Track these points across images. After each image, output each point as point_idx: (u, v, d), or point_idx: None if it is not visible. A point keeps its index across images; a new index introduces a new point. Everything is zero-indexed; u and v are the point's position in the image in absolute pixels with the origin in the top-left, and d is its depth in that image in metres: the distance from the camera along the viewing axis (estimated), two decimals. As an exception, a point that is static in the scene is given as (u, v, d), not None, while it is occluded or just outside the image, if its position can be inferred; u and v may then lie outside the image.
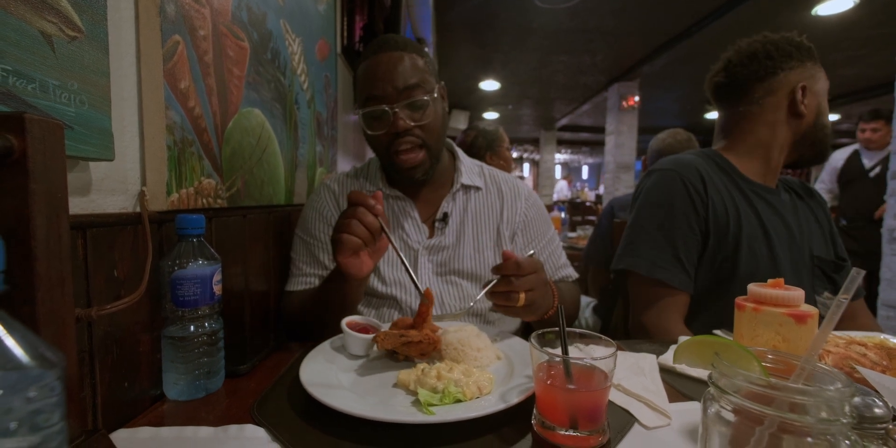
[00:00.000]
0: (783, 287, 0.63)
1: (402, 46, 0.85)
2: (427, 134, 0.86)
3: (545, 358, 0.49)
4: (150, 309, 0.59)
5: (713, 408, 0.37)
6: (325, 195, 0.97)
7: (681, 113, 8.69)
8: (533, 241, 0.98)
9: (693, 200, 0.93)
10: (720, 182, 0.96)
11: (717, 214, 0.91)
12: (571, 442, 0.47)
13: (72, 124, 0.45)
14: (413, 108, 0.84)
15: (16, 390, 0.22)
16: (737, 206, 0.93)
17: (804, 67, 0.97)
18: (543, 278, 0.70)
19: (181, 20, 0.64)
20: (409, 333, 0.62)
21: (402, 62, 0.83)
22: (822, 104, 0.99)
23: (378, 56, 0.84)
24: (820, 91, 0.98)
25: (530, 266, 0.67)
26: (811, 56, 0.97)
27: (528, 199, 1.00)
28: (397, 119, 0.82)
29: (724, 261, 0.91)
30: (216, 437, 0.49)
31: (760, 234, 0.92)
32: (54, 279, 0.38)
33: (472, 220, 0.95)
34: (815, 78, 0.97)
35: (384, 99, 0.82)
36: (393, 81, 0.82)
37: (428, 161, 0.88)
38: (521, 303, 0.66)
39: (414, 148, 0.85)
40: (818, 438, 0.32)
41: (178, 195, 0.65)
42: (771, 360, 0.42)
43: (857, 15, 3.86)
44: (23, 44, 0.40)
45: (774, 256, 0.91)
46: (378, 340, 0.62)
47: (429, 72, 0.87)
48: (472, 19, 4.26)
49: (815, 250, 0.98)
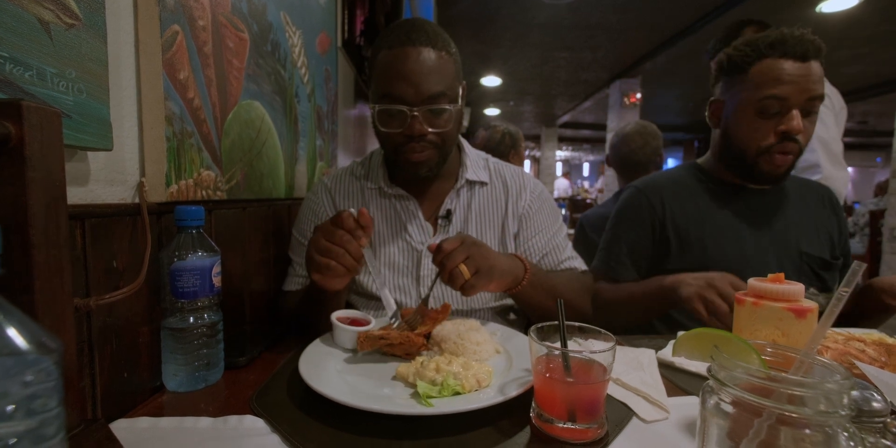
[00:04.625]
0: (783, 282, 0.62)
1: (433, 41, 0.77)
2: (442, 138, 0.82)
3: (544, 351, 0.48)
4: (150, 300, 0.59)
5: (712, 400, 0.37)
6: (322, 195, 0.94)
7: (682, 110, 8.66)
8: (537, 235, 0.94)
9: (644, 212, 1.06)
10: (689, 192, 1.06)
11: (677, 221, 1.03)
12: (569, 435, 0.47)
13: (70, 113, 0.45)
14: (434, 114, 0.79)
15: (12, 375, 0.22)
16: (698, 209, 1.03)
17: (730, 79, 0.98)
18: (473, 245, 0.68)
19: (180, 10, 0.64)
20: (390, 335, 0.62)
21: (429, 62, 0.76)
22: (736, 118, 0.97)
23: (405, 50, 0.76)
24: (741, 100, 0.95)
25: (452, 242, 0.67)
26: (737, 68, 0.95)
27: (534, 192, 0.96)
28: (415, 122, 0.77)
29: (693, 257, 1.00)
30: (215, 428, 0.49)
31: (729, 232, 1.01)
32: (53, 268, 0.38)
33: (476, 216, 0.93)
34: (733, 92, 0.97)
35: (404, 101, 0.77)
36: (418, 85, 0.75)
37: (436, 159, 0.84)
38: (468, 274, 0.66)
39: (426, 149, 0.82)
40: (816, 430, 0.32)
41: (178, 186, 0.65)
42: (770, 354, 0.42)
43: (863, 11, 3.83)
44: (20, 30, 0.40)
45: (744, 251, 0.99)
46: (359, 342, 0.62)
47: (456, 75, 0.82)
48: (474, 14, 4.24)
49: (805, 247, 1.00)
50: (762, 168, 0.95)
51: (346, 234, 0.64)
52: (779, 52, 0.91)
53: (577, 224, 1.86)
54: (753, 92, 0.92)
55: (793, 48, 0.89)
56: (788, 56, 0.90)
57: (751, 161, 0.96)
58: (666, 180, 1.10)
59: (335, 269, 0.64)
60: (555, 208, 1.00)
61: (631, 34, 4.70)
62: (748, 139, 0.95)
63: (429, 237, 0.90)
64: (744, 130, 0.96)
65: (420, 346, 0.63)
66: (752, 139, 0.95)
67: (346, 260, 0.64)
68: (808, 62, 0.90)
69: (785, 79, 0.89)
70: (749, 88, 0.93)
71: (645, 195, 1.07)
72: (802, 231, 1.02)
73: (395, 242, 0.90)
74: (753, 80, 0.93)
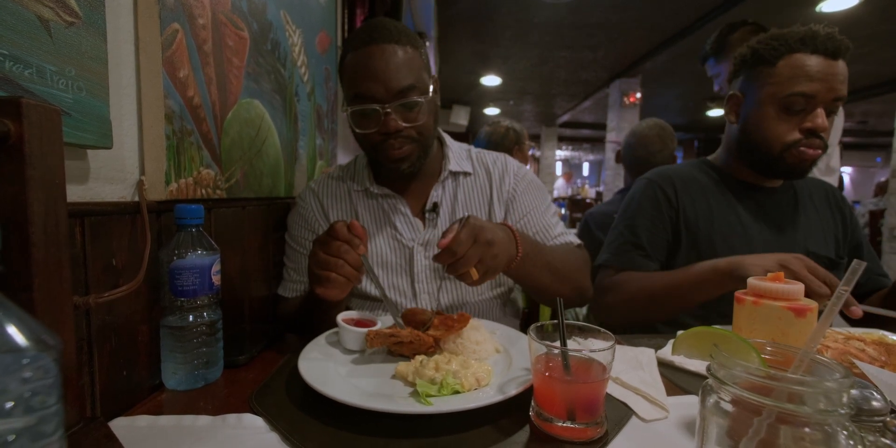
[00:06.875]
0: (783, 280, 0.62)
1: (395, 37, 0.78)
2: (419, 132, 0.82)
3: (543, 350, 0.48)
4: (149, 298, 0.59)
5: (711, 399, 0.36)
6: (309, 200, 0.95)
7: (682, 110, 8.66)
8: (526, 215, 0.93)
9: (659, 203, 1.04)
10: (699, 188, 1.04)
11: (687, 215, 1.02)
12: (569, 434, 0.47)
13: (69, 111, 0.45)
14: (407, 108, 0.79)
15: (11, 371, 0.22)
16: (709, 206, 1.02)
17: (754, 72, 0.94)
18: (486, 244, 0.64)
19: (180, 8, 0.64)
20: (401, 334, 0.61)
21: (395, 58, 0.77)
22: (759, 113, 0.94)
23: (369, 48, 0.77)
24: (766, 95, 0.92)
25: (465, 243, 0.62)
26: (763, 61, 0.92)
27: (518, 174, 0.97)
28: (389, 119, 0.78)
29: (701, 254, 0.98)
30: (214, 426, 0.49)
31: (739, 230, 0.99)
32: (52, 265, 0.38)
33: (462, 206, 0.93)
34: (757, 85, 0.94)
35: (375, 99, 0.77)
36: (386, 82, 0.76)
37: (416, 154, 0.84)
38: (476, 277, 0.64)
39: (405, 145, 0.82)
40: (816, 429, 0.32)
41: (177, 185, 0.65)
42: (769, 352, 0.42)
43: (863, 11, 3.83)
44: (19, 28, 0.40)
45: (752, 249, 0.96)
46: (368, 339, 0.61)
47: (424, 68, 0.82)
48: (474, 14, 4.23)
49: (812, 246, 1.00)
50: (788, 161, 0.93)
51: (344, 245, 0.65)
52: (809, 48, 0.87)
53: (582, 221, 1.85)
54: (780, 87, 0.89)
55: (823, 44, 0.87)
56: (819, 52, 0.87)
57: (776, 155, 0.93)
58: (677, 175, 1.07)
59: (336, 280, 0.65)
60: (541, 188, 1.00)
61: (631, 34, 4.70)
62: (772, 135, 0.92)
63: (418, 232, 0.91)
64: (767, 126, 0.93)
65: (429, 346, 0.63)
66: (776, 135, 0.92)
67: (345, 270, 0.65)
68: (837, 60, 0.87)
69: (814, 75, 0.87)
70: (775, 83, 0.90)
71: (661, 187, 1.05)
72: (810, 231, 1.02)
73: (385, 241, 0.91)
74: (781, 74, 0.89)
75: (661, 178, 1.07)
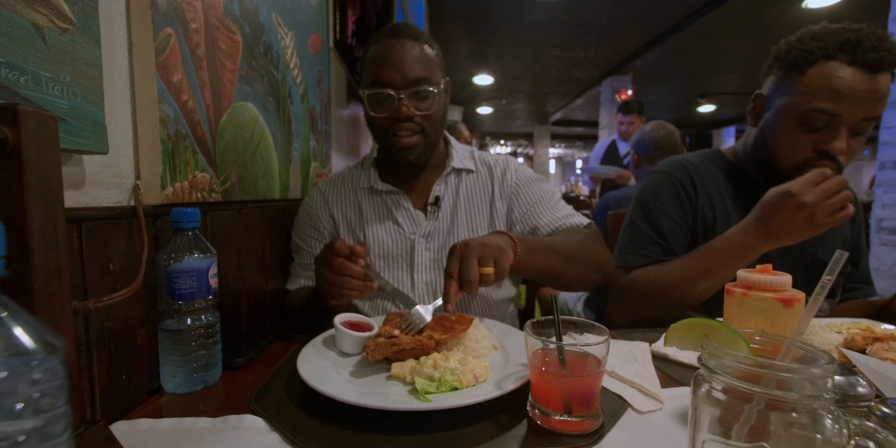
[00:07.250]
0: (771, 272, 0.64)
1: (415, 35, 0.86)
2: (427, 122, 0.88)
3: (540, 345, 0.49)
4: (147, 302, 0.59)
5: (703, 388, 0.37)
6: (316, 198, 1.00)
7: (674, 106, 8.73)
8: (533, 206, 0.96)
9: (680, 198, 0.98)
10: (714, 183, 0.99)
11: (705, 213, 0.97)
12: (566, 427, 0.48)
13: (65, 117, 0.45)
14: (418, 97, 0.85)
15: (20, 373, 0.23)
16: (725, 206, 0.97)
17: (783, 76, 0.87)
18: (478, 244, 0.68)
19: (173, 13, 0.64)
20: (401, 341, 0.60)
21: (413, 51, 0.84)
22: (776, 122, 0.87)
23: (391, 41, 0.85)
24: (786, 105, 0.85)
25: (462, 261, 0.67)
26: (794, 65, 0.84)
27: (517, 169, 1.01)
28: (401, 105, 0.84)
29: None
30: (215, 428, 0.50)
31: None
32: (51, 271, 0.38)
33: (464, 202, 0.97)
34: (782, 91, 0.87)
35: (391, 84, 0.84)
36: (403, 70, 0.83)
37: (423, 145, 0.90)
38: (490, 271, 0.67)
39: (413, 133, 0.87)
40: (803, 413, 0.33)
41: (173, 189, 0.65)
42: (758, 342, 0.43)
43: (847, 8, 3.89)
44: (14, 35, 0.40)
45: None
46: (369, 352, 0.58)
47: (438, 65, 0.89)
48: (466, 13, 4.24)
49: (819, 253, 0.97)
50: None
51: (345, 261, 0.69)
52: (848, 57, 0.78)
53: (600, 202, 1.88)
54: (803, 98, 0.81)
55: (864, 55, 0.77)
56: (857, 64, 0.77)
57: (782, 171, 0.87)
58: (695, 170, 1.01)
59: (347, 295, 0.71)
60: (542, 180, 1.03)
61: (621, 32, 4.74)
62: (783, 150, 0.86)
63: (420, 225, 0.94)
64: (781, 138, 0.86)
65: (432, 350, 0.61)
66: (787, 150, 0.86)
67: (352, 284, 0.70)
68: (876, 74, 0.78)
69: (843, 91, 0.77)
70: (799, 93, 0.82)
71: (679, 180, 0.99)
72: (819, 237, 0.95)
73: (387, 233, 0.95)
74: (808, 85, 0.81)
75: (679, 171, 1.00)
